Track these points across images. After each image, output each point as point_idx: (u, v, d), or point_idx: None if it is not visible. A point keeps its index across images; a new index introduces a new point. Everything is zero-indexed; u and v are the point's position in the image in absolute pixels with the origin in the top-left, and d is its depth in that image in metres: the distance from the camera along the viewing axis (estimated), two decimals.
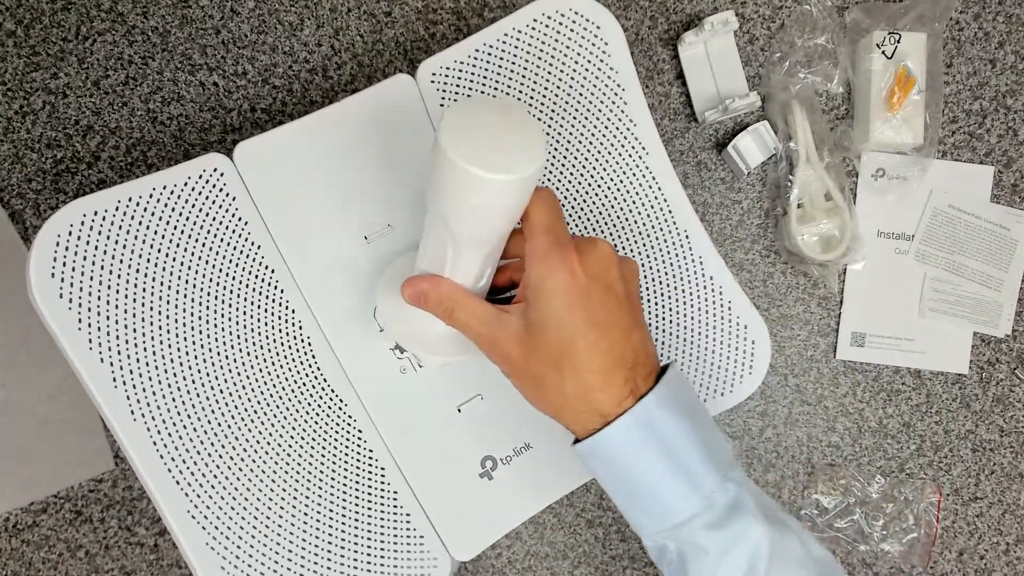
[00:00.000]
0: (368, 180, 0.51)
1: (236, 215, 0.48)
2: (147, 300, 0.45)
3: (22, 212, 0.57)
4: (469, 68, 0.52)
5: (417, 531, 0.51)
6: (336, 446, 0.50)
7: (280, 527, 0.47)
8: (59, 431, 0.57)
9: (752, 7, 0.64)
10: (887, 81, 0.62)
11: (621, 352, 0.40)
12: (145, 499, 0.58)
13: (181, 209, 0.46)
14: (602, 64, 0.53)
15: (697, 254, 0.55)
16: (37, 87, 0.58)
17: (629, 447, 0.40)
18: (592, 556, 0.63)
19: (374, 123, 0.51)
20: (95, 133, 0.58)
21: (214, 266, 0.47)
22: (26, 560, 0.57)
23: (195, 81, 0.59)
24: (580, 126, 0.54)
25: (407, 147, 0.52)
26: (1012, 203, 0.65)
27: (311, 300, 0.50)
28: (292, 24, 0.60)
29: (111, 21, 0.59)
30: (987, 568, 0.65)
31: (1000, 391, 0.65)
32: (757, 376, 0.56)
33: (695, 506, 0.40)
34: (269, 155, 0.48)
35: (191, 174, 0.46)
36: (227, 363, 0.47)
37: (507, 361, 0.42)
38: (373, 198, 0.51)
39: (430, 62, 0.51)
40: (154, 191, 0.45)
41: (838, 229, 0.63)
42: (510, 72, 0.52)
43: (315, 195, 0.50)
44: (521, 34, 0.52)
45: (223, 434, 0.47)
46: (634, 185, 0.55)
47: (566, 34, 0.52)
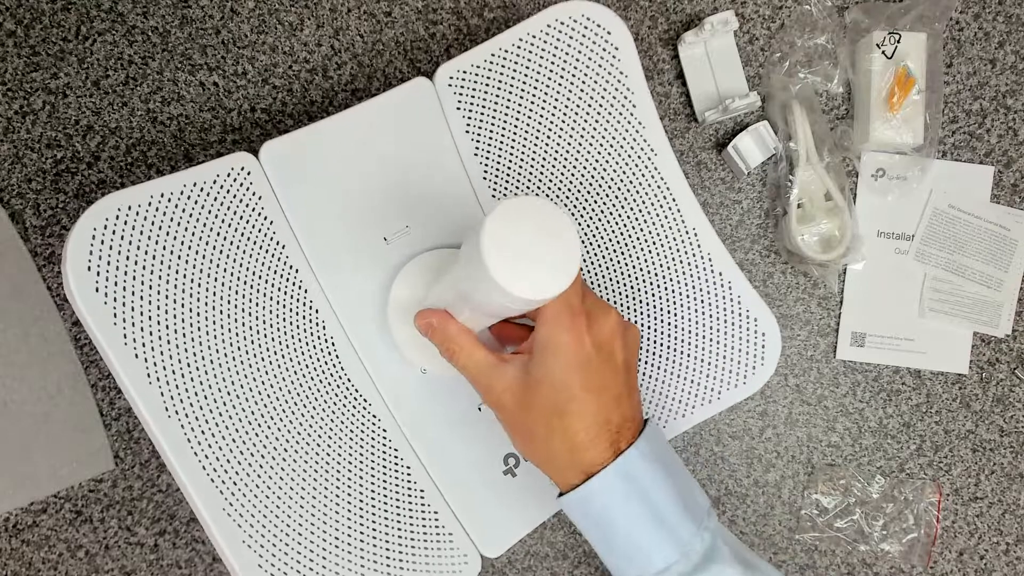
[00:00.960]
0: (387, 181, 0.51)
1: (262, 214, 0.48)
2: (178, 297, 0.45)
3: (22, 212, 0.57)
4: (485, 72, 0.53)
5: (446, 528, 0.51)
6: (362, 445, 0.50)
7: (313, 525, 0.47)
8: (59, 431, 0.57)
9: (752, 7, 0.64)
10: (887, 81, 0.62)
11: (609, 416, 0.43)
12: (145, 499, 0.58)
13: (210, 207, 0.47)
14: (612, 68, 0.55)
15: (706, 251, 0.57)
16: (37, 87, 0.58)
17: (610, 498, 0.43)
18: (592, 556, 0.63)
19: (393, 125, 0.51)
20: (95, 133, 0.58)
21: (241, 264, 0.47)
22: (26, 560, 0.57)
23: (195, 81, 0.59)
24: (591, 128, 0.55)
25: (424, 149, 0.53)
26: (1012, 203, 0.65)
27: (333, 300, 0.50)
28: (292, 24, 0.60)
29: (111, 21, 0.58)
30: (987, 568, 0.65)
31: (1000, 391, 0.65)
32: (769, 366, 0.57)
33: (672, 555, 0.42)
34: (293, 155, 0.49)
35: (220, 172, 0.47)
36: (256, 362, 0.47)
37: (500, 407, 0.45)
38: (391, 199, 0.52)
39: (448, 66, 0.52)
40: (184, 187, 0.46)
41: (838, 229, 0.63)
42: (524, 76, 0.54)
43: (336, 195, 0.50)
44: (535, 39, 0.53)
45: (254, 432, 0.47)
46: (643, 185, 0.56)
47: (578, 39, 0.54)
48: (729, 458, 0.64)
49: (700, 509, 0.45)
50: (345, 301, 0.50)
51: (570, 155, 0.55)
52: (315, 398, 0.49)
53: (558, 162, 0.55)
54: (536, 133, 0.55)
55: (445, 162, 0.53)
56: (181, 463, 0.44)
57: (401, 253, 0.52)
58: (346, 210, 0.50)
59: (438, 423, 0.52)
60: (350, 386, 0.50)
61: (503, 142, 0.55)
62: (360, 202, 0.51)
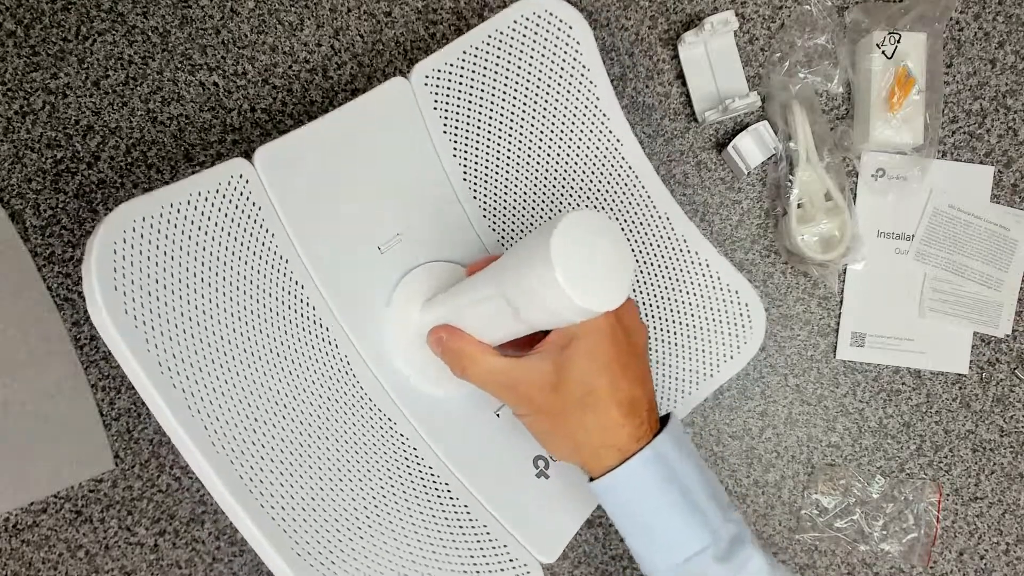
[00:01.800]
0: (374, 188, 0.51)
1: (263, 226, 0.47)
2: (194, 314, 0.43)
3: (22, 212, 0.57)
4: (458, 70, 0.53)
5: (499, 540, 0.50)
6: (397, 467, 0.48)
7: (367, 556, 0.45)
8: (59, 431, 0.57)
9: (752, 7, 0.64)
10: (887, 81, 0.62)
11: (640, 395, 0.44)
12: (145, 499, 0.58)
13: (216, 218, 0.45)
14: (575, 62, 0.56)
15: (680, 233, 0.58)
16: (37, 87, 0.58)
17: (645, 480, 0.43)
18: (592, 556, 0.63)
19: (375, 127, 0.51)
20: (95, 133, 0.58)
21: (249, 280, 0.45)
22: (26, 560, 0.57)
23: (195, 81, 0.59)
24: (560, 122, 0.56)
25: (406, 151, 0.52)
26: (1012, 203, 0.65)
27: (340, 317, 0.48)
28: (292, 24, 0.60)
29: (111, 21, 0.58)
30: (987, 568, 0.65)
31: (1000, 391, 0.65)
32: (757, 334, 0.58)
33: (705, 539, 0.43)
34: (285, 160, 0.48)
35: (220, 179, 0.45)
36: (275, 384, 0.45)
37: (528, 402, 0.44)
38: (380, 205, 0.51)
39: (422, 65, 0.52)
40: (190, 196, 0.44)
41: (838, 229, 0.63)
42: (495, 72, 0.54)
43: (328, 202, 0.49)
44: (503, 36, 0.54)
45: (290, 457, 0.44)
46: (613, 176, 0.57)
47: (542, 35, 0.55)
48: (729, 458, 0.64)
49: (723, 497, 0.46)
50: (352, 318, 0.49)
51: (542, 150, 0.56)
52: (341, 419, 0.47)
53: (531, 158, 0.56)
54: (509, 129, 0.55)
55: (426, 164, 0.53)
56: (232, 491, 0.41)
57: (396, 263, 0.51)
58: (339, 218, 0.49)
59: (462, 434, 0.51)
60: (372, 406, 0.48)
61: (479, 141, 0.55)
62: (351, 209, 0.50)
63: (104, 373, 0.58)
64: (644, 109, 0.63)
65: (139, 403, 0.59)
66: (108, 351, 0.58)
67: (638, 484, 0.43)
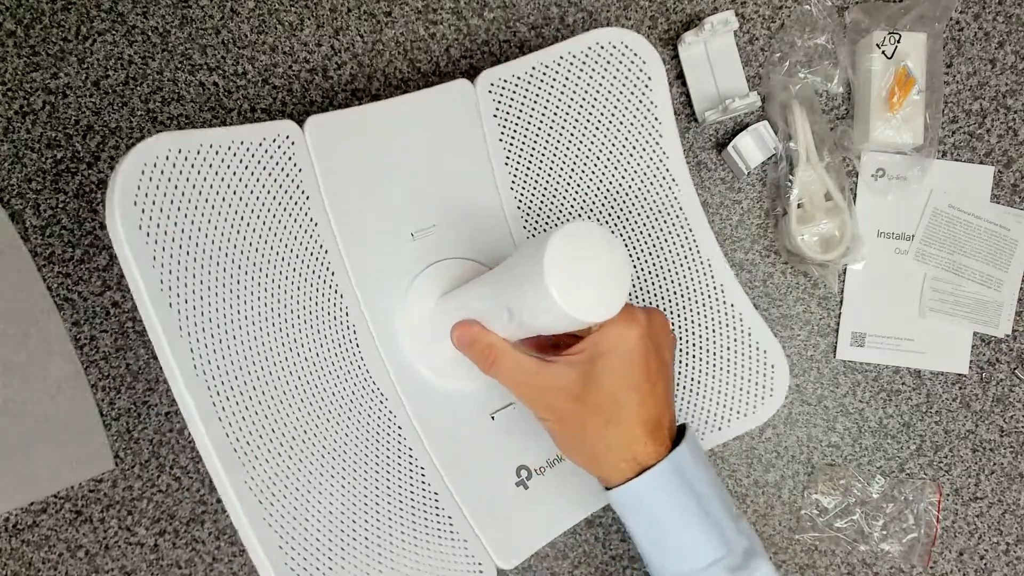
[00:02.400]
0: (420, 176, 0.52)
1: (300, 187, 0.48)
2: (212, 254, 0.44)
3: (22, 212, 0.57)
4: (525, 84, 0.55)
5: (460, 535, 0.50)
6: (377, 439, 0.49)
7: (325, 517, 0.46)
8: (59, 431, 0.57)
9: (752, 7, 0.64)
10: (887, 81, 0.62)
11: (663, 412, 0.45)
12: (145, 499, 0.58)
13: (253, 169, 0.46)
14: (644, 96, 0.57)
15: (719, 282, 0.58)
16: (37, 87, 0.58)
17: (664, 492, 0.44)
18: (592, 556, 0.63)
19: (432, 121, 0.52)
20: (95, 133, 0.58)
21: (276, 235, 0.47)
22: (26, 560, 0.57)
23: (195, 81, 0.59)
24: (618, 152, 0.57)
25: (458, 150, 0.53)
26: (1012, 203, 0.65)
27: (359, 288, 0.50)
28: (292, 24, 0.60)
29: (111, 21, 0.58)
30: (987, 568, 0.65)
31: (1000, 391, 0.65)
32: (778, 398, 0.58)
33: (720, 550, 0.43)
34: (336, 133, 0.49)
35: (267, 135, 0.47)
36: (278, 335, 0.46)
37: (550, 409, 0.45)
38: (422, 194, 0.52)
39: (490, 73, 0.54)
40: (232, 143, 0.45)
41: (838, 229, 0.63)
42: (561, 93, 0.55)
43: (371, 181, 0.50)
44: (575, 59, 0.55)
45: (277, 408, 0.45)
46: (663, 214, 0.58)
47: (615, 64, 0.56)
48: (729, 458, 0.64)
49: (732, 508, 0.46)
50: (370, 292, 0.50)
51: (595, 176, 0.57)
52: (332, 383, 0.48)
53: (583, 182, 0.57)
54: (566, 150, 0.56)
55: (476, 166, 0.54)
56: (206, 424, 0.42)
57: (426, 252, 0.52)
58: (379, 198, 0.50)
59: (452, 427, 0.51)
60: (368, 376, 0.49)
61: (533, 155, 0.56)
62: (393, 192, 0.51)
63: (104, 373, 0.58)
64: None
65: (139, 403, 0.59)
66: (108, 351, 0.58)
67: (656, 495, 0.44)
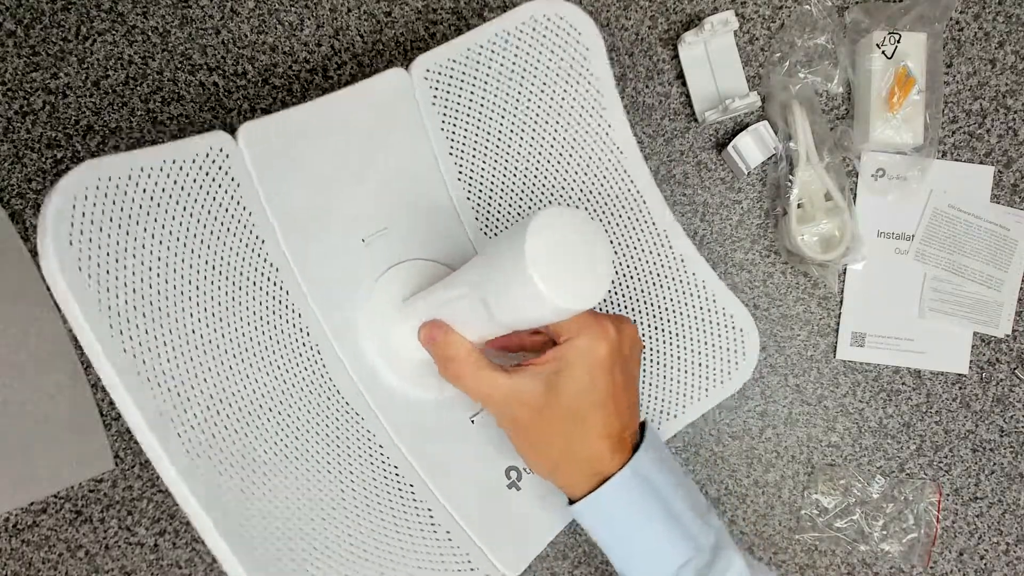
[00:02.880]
0: (363, 178, 0.49)
1: (240, 203, 0.44)
2: (160, 288, 0.40)
3: (22, 212, 0.57)
4: (461, 66, 0.52)
5: (462, 549, 0.48)
6: (359, 462, 0.46)
7: (322, 557, 0.42)
8: (59, 431, 0.57)
9: (752, 7, 0.64)
10: (887, 81, 0.62)
11: (626, 423, 0.44)
12: (145, 499, 0.58)
13: (190, 188, 0.42)
14: (583, 68, 0.55)
15: (678, 252, 0.57)
16: (37, 87, 0.58)
17: (626, 499, 0.43)
18: (592, 556, 0.63)
19: (370, 115, 0.50)
20: (95, 133, 0.58)
21: (222, 258, 0.43)
22: (26, 560, 0.57)
23: (195, 81, 0.59)
24: (562, 128, 0.55)
25: (400, 144, 0.51)
26: (1012, 203, 0.65)
27: (315, 305, 0.46)
28: (292, 24, 0.60)
29: (111, 21, 0.58)
30: (987, 568, 0.65)
31: (1000, 391, 0.65)
32: (750, 361, 0.57)
33: (688, 551, 0.43)
34: (271, 140, 0.46)
35: (199, 150, 0.43)
36: (239, 366, 0.43)
37: (512, 420, 0.44)
38: (368, 196, 0.49)
39: (423, 58, 0.51)
40: (164, 163, 0.41)
41: (838, 229, 0.63)
42: (498, 73, 0.53)
43: (313, 187, 0.47)
44: (510, 36, 0.53)
45: (250, 446, 0.42)
46: (613, 187, 0.56)
47: (551, 38, 0.54)
48: (729, 458, 0.64)
49: (702, 505, 0.46)
50: (327, 307, 0.47)
51: (541, 156, 0.55)
52: (303, 410, 0.45)
53: (530, 163, 0.55)
54: (509, 132, 0.54)
55: (421, 160, 0.52)
56: (176, 465, 0.38)
57: (380, 257, 0.49)
58: (323, 205, 0.48)
59: (433, 437, 0.49)
60: (340, 399, 0.46)
61: (477, 141, 0.54)
62: (337, 197, 0.48)
63: None
64: (644, 109, 0.63)
65: None
66: None
67: (618, 504, 0.43)
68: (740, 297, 0.58)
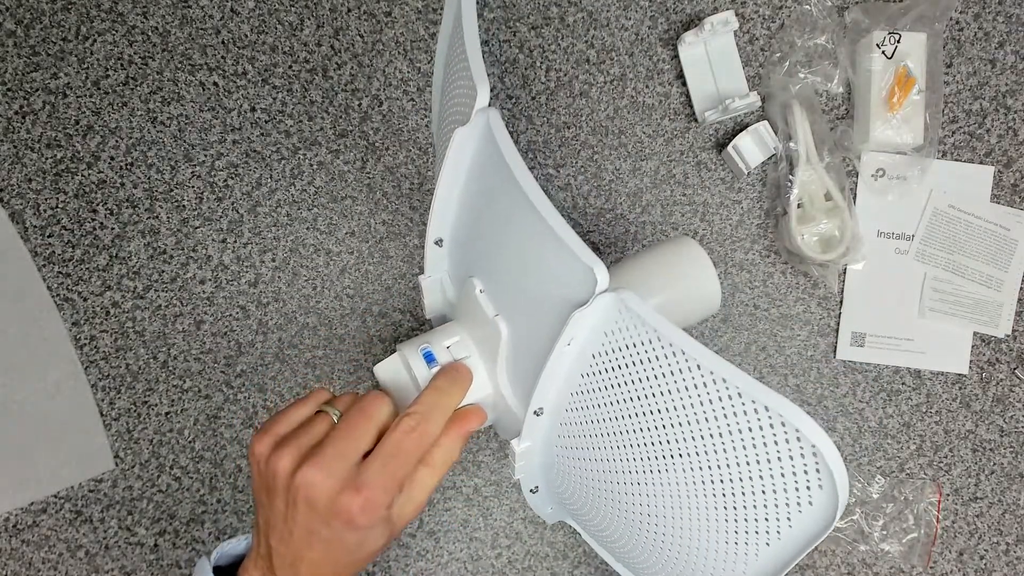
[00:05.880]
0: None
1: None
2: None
3: (22, 212, 0.57)
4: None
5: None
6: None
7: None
8: (59, 431, 0.57)
9: (752, 7, 0.64)
10: (887, 81, 0.62)
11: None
12: (145, 499, 0.58)
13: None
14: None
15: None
16: (37, 87, 0.58)
17: None
18: (592, 556, 0.63)
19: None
20: (95, 133, 0.58)
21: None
22: (26, 560, 0.57)
23: (195, 81, 0.59)
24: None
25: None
26: (1012, 203, 0.65)
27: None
28: (292, 24, 0.60)
29: (111, 21, 0.58)
30: (987, 568, 0.65)
31: (1000, 391, 0.65)
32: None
33: None
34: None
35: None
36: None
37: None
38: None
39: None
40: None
41: (838, 229, 0.63)
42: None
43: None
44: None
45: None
46: None
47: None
48: None
49: None
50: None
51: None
52: None
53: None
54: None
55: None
56: None
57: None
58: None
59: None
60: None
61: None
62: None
63: (104, 373, 0.58)
64: (644, 109, 0.63)
65: (139, 403, 0.59)
66: (108, 351, 0.58)
67: None
68: (740, 297, 0.58)
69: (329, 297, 0.61)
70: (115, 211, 0.59)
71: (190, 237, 0.61)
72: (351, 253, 0.62)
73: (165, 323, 0.60)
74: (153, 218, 0.60)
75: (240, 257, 0.61)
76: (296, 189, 0.61)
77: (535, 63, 0.63)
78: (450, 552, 0.61)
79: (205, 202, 0.61)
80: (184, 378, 0.60)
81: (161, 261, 0.60)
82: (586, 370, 0.38)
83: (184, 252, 0.60)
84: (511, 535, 0.62)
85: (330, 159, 0.61)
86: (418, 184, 0.63)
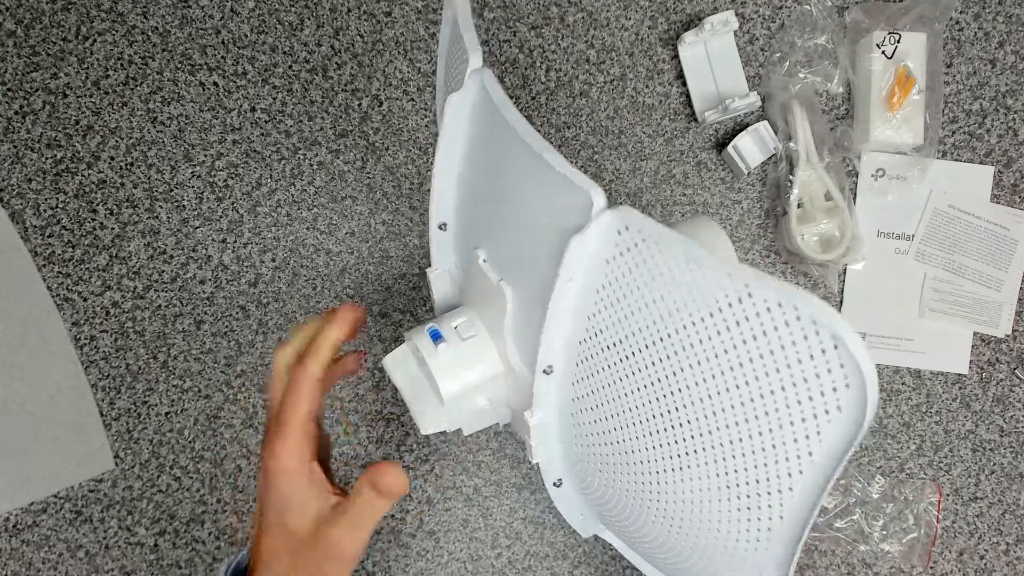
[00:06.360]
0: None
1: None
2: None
3: (22, 212, 0.57)
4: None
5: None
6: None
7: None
8: (59, 431, 0.57)
9: (752, 7, 0.64)
10: (887, 81, 0.62)
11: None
12: (145, 499, 0.58)
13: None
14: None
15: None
16: (37, 87, 0.58)
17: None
18: (592, 556, 0.63)
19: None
20: (95, 133, 0.58)
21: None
22: (26, 560, 0.57)
23: (195, 81, 0.59)
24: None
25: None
26: (1012, 203, 0.65)
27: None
28: (292, 24, 0.60)
29: (111, 21, 0.58)
30: (987, 568, 0.65)
31: (1000, 391, 0.65)
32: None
33: None
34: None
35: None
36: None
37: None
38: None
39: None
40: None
41: (838, 229, 0.63)
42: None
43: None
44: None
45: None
46: None
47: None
48: None
49: None
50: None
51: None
52: None
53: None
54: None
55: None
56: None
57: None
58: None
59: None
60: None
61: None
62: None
63: (104, 373, 0.58)
64: (644, 109, 0.63)
65: (139, 403, 0.59)
66: (108, 351, 0.58)
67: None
68: None
69: (329, 297, 0.61)
70: (115, 211, 0.59)
71: (190, 237, 0.61)
72: (351, 253, 0.62)
73: (165, 323, 0.60)
74: (153, 218, 0.60)
75: (240, 257, 0.61)
76: (296, 189, 0.61)
77: (535, 63, 0.63)
78: (450, 552, 0.61)
79: (205, 202, 0.61)
80: (184, 378, 0.60)
81: (161, 261, 0.60)
82: (592, 311, 0.36)
83: (184, 252, 0.60)
84: (511, 535, 0.62)
85: (330, 159, 0.62)
86: (418, 184, 0.63)
